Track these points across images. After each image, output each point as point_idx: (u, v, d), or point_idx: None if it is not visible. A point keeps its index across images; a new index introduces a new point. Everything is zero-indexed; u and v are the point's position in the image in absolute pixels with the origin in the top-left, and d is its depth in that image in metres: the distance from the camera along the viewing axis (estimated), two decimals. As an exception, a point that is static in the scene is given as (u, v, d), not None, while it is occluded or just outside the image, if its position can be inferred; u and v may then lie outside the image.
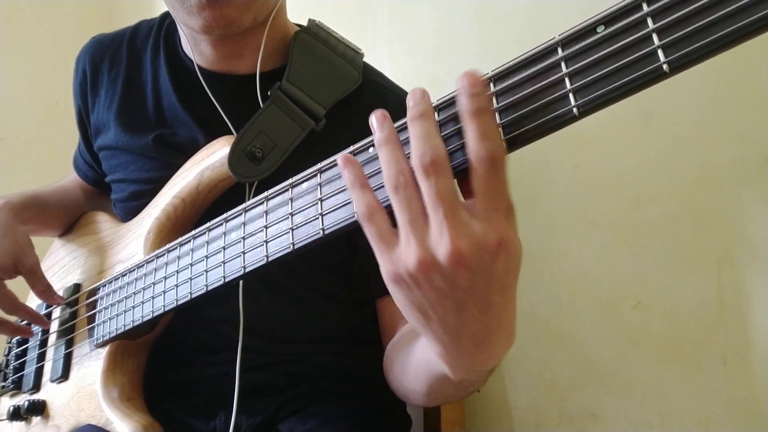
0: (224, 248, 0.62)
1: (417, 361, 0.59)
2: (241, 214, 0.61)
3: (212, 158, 0.72)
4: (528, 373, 0.96)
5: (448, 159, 0.41)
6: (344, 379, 0.80)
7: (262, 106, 0.75)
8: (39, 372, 0.89)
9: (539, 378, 0.94)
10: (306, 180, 0.55)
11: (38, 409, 0.85)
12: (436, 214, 0.40)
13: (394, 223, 0.44)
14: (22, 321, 0.96)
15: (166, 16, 0.87)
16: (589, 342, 0.89)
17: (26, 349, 0.93)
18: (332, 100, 0.76)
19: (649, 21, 0.36)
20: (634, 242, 0.85)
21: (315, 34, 0.80)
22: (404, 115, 0.45)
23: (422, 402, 0.68)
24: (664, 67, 0.35)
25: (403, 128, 0.46)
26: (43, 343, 0.90)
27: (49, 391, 0.86)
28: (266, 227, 0.57)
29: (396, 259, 0.42)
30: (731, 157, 0.77)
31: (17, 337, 0.96)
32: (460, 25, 1.09)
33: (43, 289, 0.84)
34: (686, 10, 0.34)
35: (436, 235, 0.40)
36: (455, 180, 0.42)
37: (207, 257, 0.64)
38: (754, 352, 0.74)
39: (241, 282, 0.73)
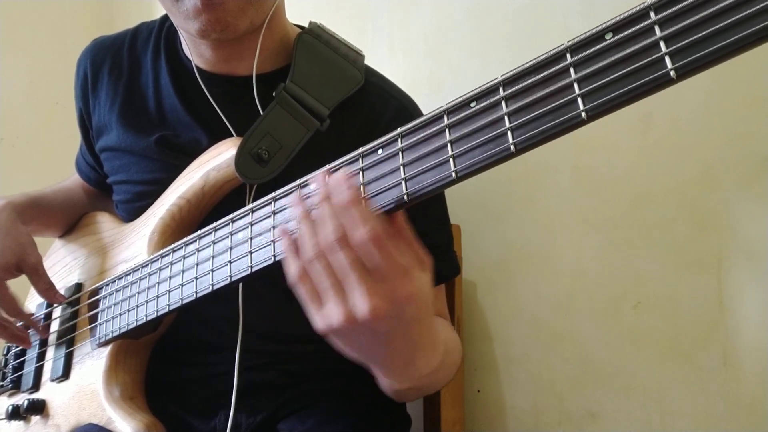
0: (231, 248, 0.62)
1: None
2: (248, 214, 0.61)
3: (218, 159, 0.72)
4: (528, 373, 0.96)
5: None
6: (344, 379, 0.81)
7: (260, 107, 0.75)
8: (38, 371, 0.89)
9: (539, 378, 0.95)
10: (314, 181, 0.55)
11: (38, 408, 0.85)
12: (351, 279, 0.48)
13: None
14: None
15: (167, 18, 0.87)
16: (589, 342, 0.89)
17: (25, 348, 0.93)
18: (336, 100, 0.76)
19: (657, 29, 0.36)
20: (634, 242, 0.85)
21: (317, 36, 0.80)
22: (402, 119, 0.47)
23: (396, 397, 0.72)
24: (671, 73, 0.36)
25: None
26: (43, 343, 0.90)
27: (48, 391, 0.86)
28: (274, 227, 0.58)
29: (326, 316, 0.50)
30: (731, 157, 0.77)
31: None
32: (460, 26, 1.09)
33: (46, 288, 0.84)
34: (693, 18, 0.35)
35: (356, 297, 0.48)
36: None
37: (213, 257, 0.64)
38: (754, 352, 0.74)
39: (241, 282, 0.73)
